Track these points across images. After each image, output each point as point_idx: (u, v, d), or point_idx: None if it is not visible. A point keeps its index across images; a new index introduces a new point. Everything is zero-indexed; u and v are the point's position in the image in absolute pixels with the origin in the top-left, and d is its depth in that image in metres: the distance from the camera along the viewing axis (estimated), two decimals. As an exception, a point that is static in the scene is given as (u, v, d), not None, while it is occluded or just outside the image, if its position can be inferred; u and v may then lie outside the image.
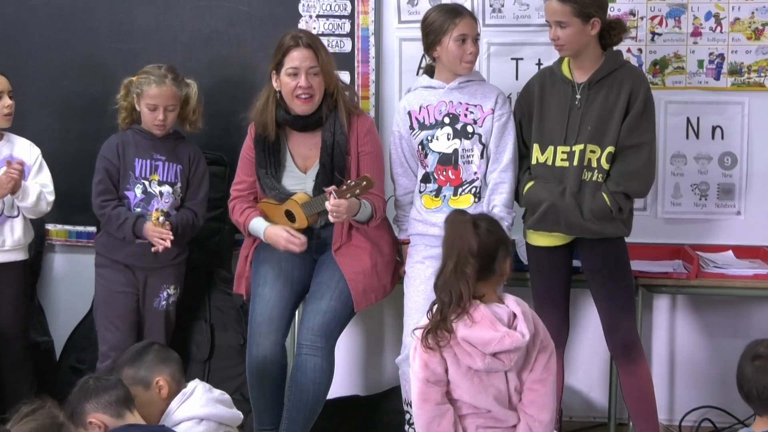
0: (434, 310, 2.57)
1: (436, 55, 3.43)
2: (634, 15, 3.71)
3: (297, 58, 3.40)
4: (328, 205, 3.30)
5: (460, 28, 3.34)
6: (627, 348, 3.34)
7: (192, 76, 3.76)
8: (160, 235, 3.56)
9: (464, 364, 2.47)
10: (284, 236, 3.50)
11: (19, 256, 3.66)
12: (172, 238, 3.59)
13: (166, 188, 3.62)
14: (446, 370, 2.57)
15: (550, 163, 3.33)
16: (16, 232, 3.62)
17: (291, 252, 3.53)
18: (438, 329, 2.52)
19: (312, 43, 3.46)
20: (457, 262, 2.52)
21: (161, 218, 3.57)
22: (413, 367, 2.62)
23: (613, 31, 3.29)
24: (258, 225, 3.52)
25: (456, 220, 2.59)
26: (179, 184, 3.61)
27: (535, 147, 3.37)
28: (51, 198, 3.67)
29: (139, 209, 3.61)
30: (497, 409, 2.52)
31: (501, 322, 2.53)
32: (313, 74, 3.40)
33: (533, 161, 3.43)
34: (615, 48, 3.34)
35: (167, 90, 3.55)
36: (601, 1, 3.29)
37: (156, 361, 2.97)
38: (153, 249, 3.57)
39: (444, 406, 2.57)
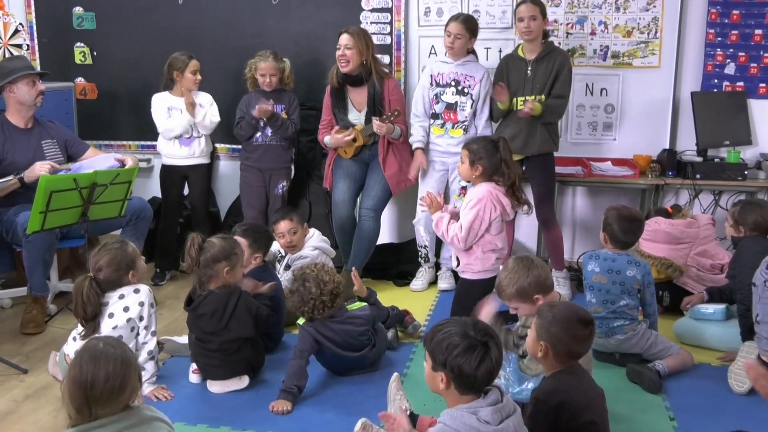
0: None
1: None
2: (557, 22, 4.75)
3: (341, 39, 4.38)
4: (375, 127, 4.26)
5: (449, 27, 4.35)
6: (544, 222, 4.45)
7: (294, 58, 4.78)
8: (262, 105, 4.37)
9: None
10: (335, 136, 4.36)
11: (204, 160, 4.81)
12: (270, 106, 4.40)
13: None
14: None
15: (516, 108, 4.31)
16: (201, 145, 4.73)
17: (354, 161, 4.52)
18: None
19: (350, 31, 4.34)
20: None
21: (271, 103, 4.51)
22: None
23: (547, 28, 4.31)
24: (327, 138, 4.51)
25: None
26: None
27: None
28: (216, 120, 4.67)
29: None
30: None
31: None
32: (347, 48, 4.33)
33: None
34: (549, 39, 4.38)
35: (270, 64, 4.59)
36: (546, 7, 4.27)
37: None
38: (256, 111, 4.43)
39: None
